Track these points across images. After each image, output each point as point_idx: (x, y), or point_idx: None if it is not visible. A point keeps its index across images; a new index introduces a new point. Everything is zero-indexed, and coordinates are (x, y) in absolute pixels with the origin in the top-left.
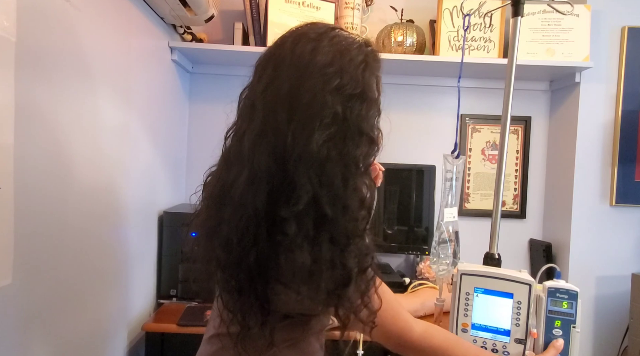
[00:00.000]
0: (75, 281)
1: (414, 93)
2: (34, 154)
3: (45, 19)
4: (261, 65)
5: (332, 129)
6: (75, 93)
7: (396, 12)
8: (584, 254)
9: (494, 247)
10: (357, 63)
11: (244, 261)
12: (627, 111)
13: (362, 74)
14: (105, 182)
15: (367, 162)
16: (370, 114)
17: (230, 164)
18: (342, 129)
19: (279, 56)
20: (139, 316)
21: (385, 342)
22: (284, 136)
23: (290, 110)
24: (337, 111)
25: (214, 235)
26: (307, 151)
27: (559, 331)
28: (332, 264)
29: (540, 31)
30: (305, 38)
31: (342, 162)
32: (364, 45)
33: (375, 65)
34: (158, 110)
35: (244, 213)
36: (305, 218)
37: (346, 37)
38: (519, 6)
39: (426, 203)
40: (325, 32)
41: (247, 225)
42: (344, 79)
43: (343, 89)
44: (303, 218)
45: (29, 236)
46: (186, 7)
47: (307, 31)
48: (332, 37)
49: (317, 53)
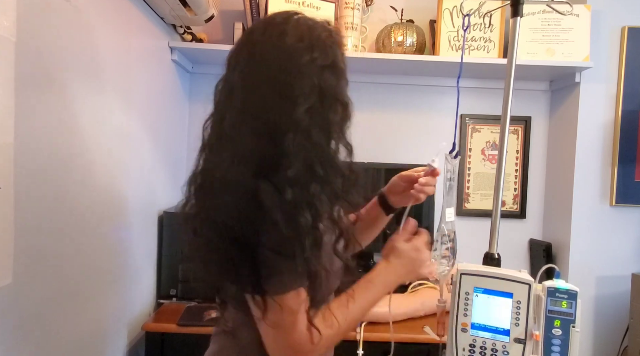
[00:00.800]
0: (75, 281)
1: (414, 93)
2: (34, 154)
3: (45, 19)
4: (234, 56)
5: (312, 98)
6: (75, 93)
7: (396, 12)
8: (584, 254)
9: (493, 247)
10: (323, 38)
11: (237, 239)
12: (627, 111)
13: (330, 47)
14: (105, 182)
15: (344, 125)
16: (341, 83)
17: (211, 149)
18: (320, 98)
19: (251, 43)
20: (139, 316)
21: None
22: (267, 111)
23: (270, 87)
24: (314, 82)
25: (206, 220)
26: (293, 121)
27: (558, 331)
28: (332, 222)
29: (540, 31)
30: (272, 24)
31: (325, 127)
32: (327, 24)
33: (340, 40)
34: (158, 110)
35: (232, 190)
36: (300, 181)
37: (309, 19)
38: (519, 6)
39: (426, 203)
40: (289, 16)
41: (237, 201)
42: (315, 53)
43: (316, 62)
44: (298, 181)
45: (29, 236)
46: (186, 7)
47: (272, 19)
48: (297, 19)
49: (287, 34)
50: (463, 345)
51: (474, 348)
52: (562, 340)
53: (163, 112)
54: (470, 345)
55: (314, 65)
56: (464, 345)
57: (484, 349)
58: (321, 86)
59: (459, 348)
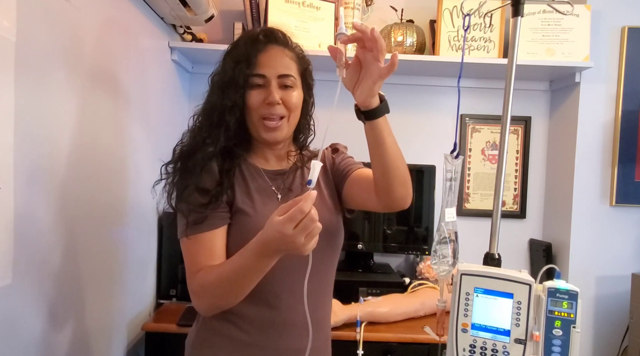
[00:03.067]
0: (75, 281)
1: (414, 93)
2: (34, 154)
3: (45, 19)
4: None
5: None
6: (75, 93)
7: (396, 12)
8: (584, 255)
9: (494, 247)
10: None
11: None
12: (627, 111)
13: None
14: (105, 182)
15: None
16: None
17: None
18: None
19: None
20: (139, 316)
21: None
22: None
23: None
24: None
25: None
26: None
27: (559, 331)
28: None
29: (540, 31)
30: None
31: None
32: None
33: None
34: (158, 110)
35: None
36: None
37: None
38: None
39: (426, 203)
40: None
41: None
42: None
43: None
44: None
45: (29, 236)
46: (186, 7)
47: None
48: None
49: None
50: (463, 345)
51: (474, 349)
52: (562, 341)
53: (163, 112)
54: (470, 345)
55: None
56: (464, 345)
57: (484, 349)
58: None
59: (459, 348)
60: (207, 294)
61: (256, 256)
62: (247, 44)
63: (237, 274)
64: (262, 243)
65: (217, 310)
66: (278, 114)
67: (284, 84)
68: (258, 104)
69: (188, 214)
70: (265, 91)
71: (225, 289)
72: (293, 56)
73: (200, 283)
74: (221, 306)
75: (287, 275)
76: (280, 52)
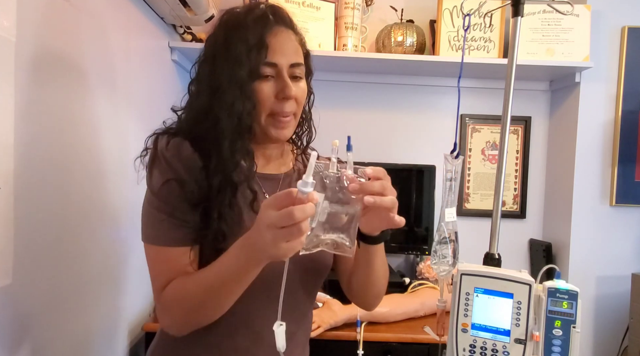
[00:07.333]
0: (75, 281)
1: (414, 93)
2: (34, 154)
3: (45, 19)
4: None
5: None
6: (75, 93)
7: (396, 12)
8: (584, 254)
9: (494, 247)
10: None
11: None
12: (627, 111)
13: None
14: (105, 182)
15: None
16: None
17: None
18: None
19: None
20: (139, 316)
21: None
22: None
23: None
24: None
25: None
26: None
27: (559, 331)
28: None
29: (540, 31)
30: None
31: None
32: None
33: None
34: (158, 110)
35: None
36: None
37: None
38: (519, 6)
39: (426, 203)
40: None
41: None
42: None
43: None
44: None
45: (29, 236)
46: (186, 7)
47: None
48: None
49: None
50: (463, 345)
51: (474, 349)
52: (562, 341)
53: (163, 112)
54: (470, 345)
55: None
56: (464, 345)
57: (484, 349)
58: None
59: (459, 348)
60: (181, 307)
61: (237, 257)
62: (256, 23)
63: (218, 281)
64: (245, 237)
65: (193, 326)
66: (291, 110)
67: (293, 75)
68: (269, 98)
69: (156, 224)
70: (276, 83)
71: (204, 300)
72: (299, 40)
73: (173, 293)
74: (200, 321)
75: (260, 295)
76: (290, 35)
